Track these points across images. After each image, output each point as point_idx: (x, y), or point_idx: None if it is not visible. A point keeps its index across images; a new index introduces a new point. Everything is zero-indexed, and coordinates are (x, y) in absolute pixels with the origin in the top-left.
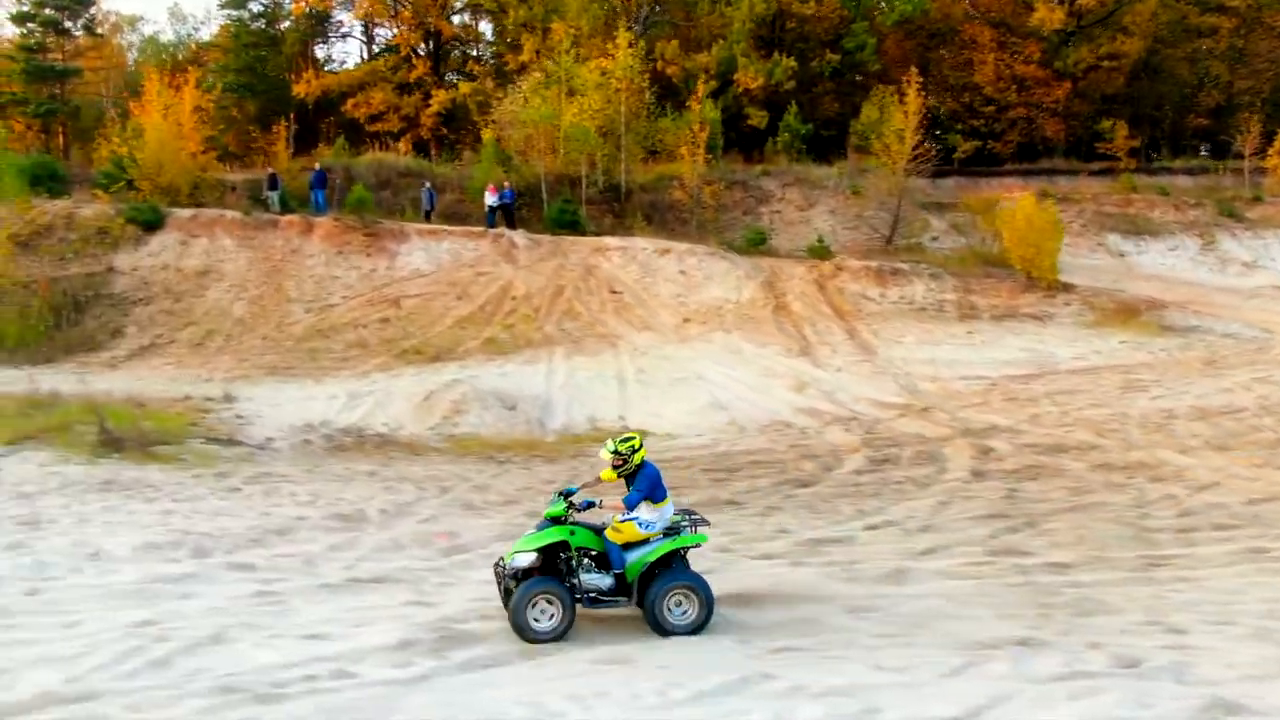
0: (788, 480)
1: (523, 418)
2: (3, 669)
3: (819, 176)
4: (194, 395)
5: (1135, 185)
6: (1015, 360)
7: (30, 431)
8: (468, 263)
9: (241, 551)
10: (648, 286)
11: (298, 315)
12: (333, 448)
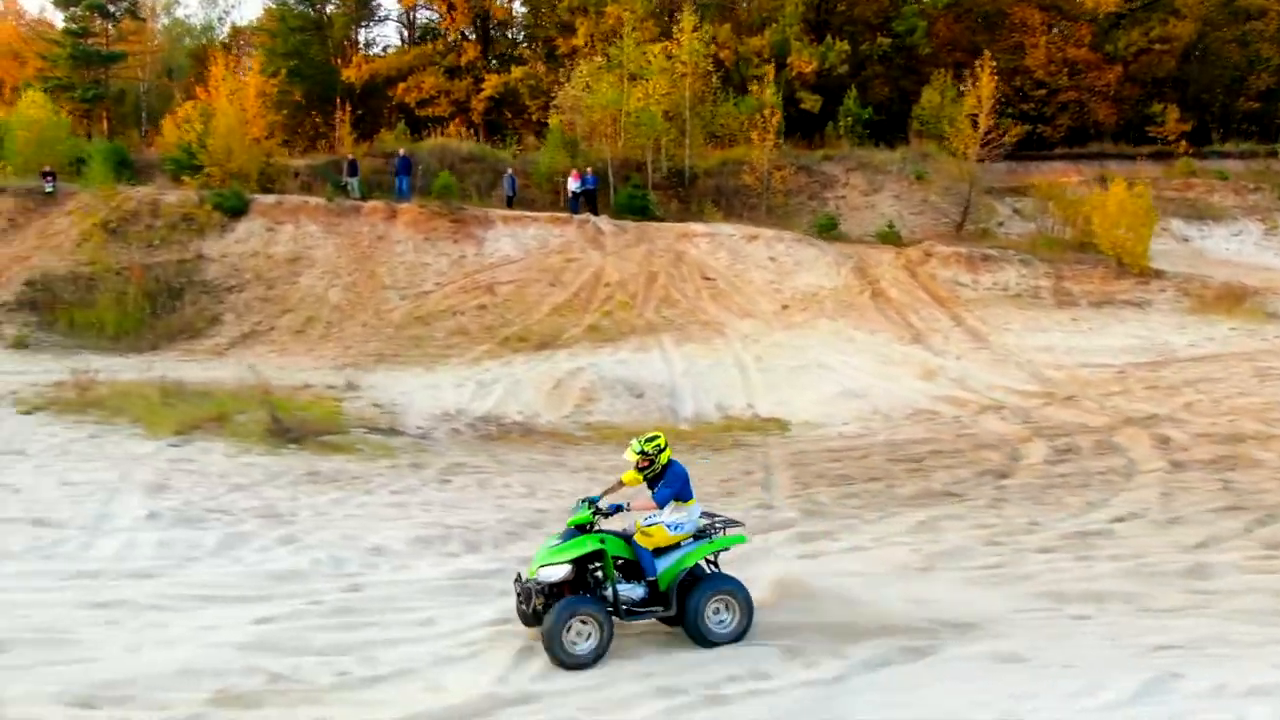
0: (986, 471)
1: (652, 405)
2: (412, 669)
3: (882, 161)
4: (314, 383)
5: (1194, 169)
6: (1130, 348)
7: (193, 422)
8: (556, 249)
9: (510, 545)
10: (739, 273)
11: (394, 302)
12: (481, 436)
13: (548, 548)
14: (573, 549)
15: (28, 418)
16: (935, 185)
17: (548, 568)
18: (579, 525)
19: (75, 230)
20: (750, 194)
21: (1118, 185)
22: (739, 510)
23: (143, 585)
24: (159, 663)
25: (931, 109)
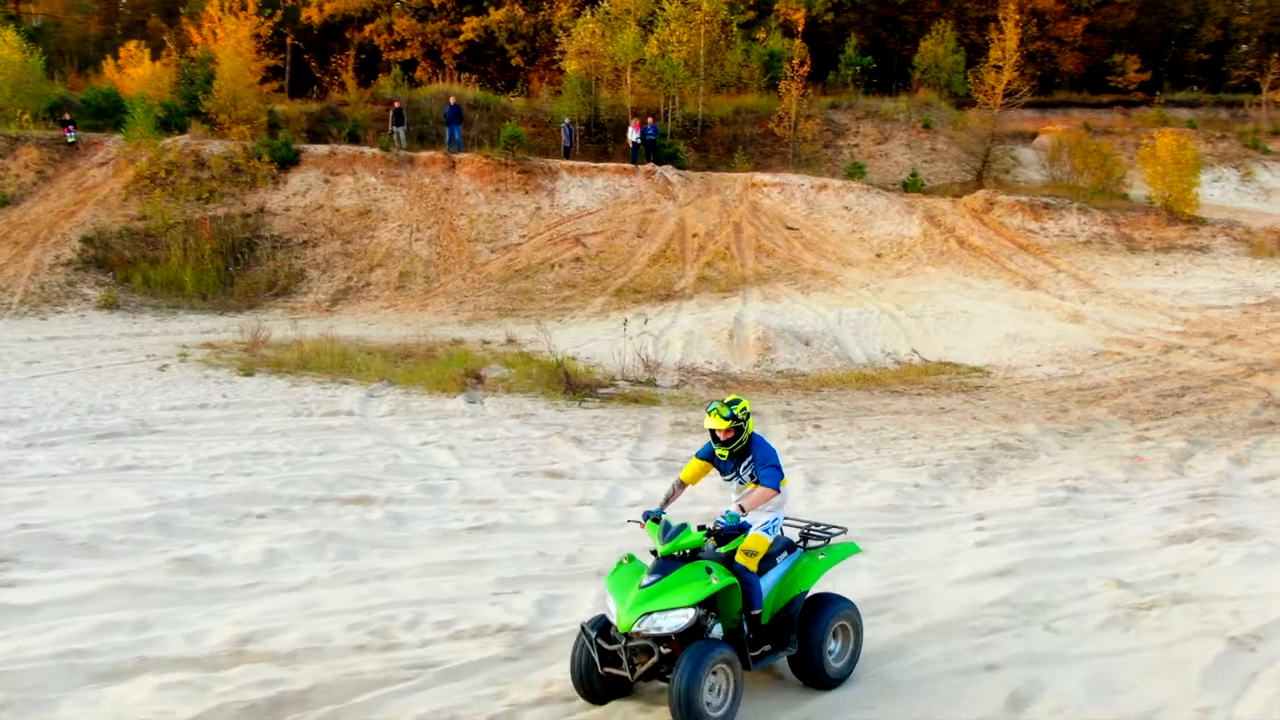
0: (1267, 404)
1: (826, 353)
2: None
3: (889, 110)
4: (467, 339)
5: (1166, 118)
6: (1225, 290)
7: (452, 380)
8: (629, 200)
9: (978, 475)
10: (818, 223)
11: (485, 255)
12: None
13: (640, 587)
14: (695, 586)
15: (251, 380)
16: (942, 134)
17: (660, 614)
18: (690, 550)
19: (118, 183)
20: (765, 141)
21: (1166, 135)
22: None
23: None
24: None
25: (930, 59)
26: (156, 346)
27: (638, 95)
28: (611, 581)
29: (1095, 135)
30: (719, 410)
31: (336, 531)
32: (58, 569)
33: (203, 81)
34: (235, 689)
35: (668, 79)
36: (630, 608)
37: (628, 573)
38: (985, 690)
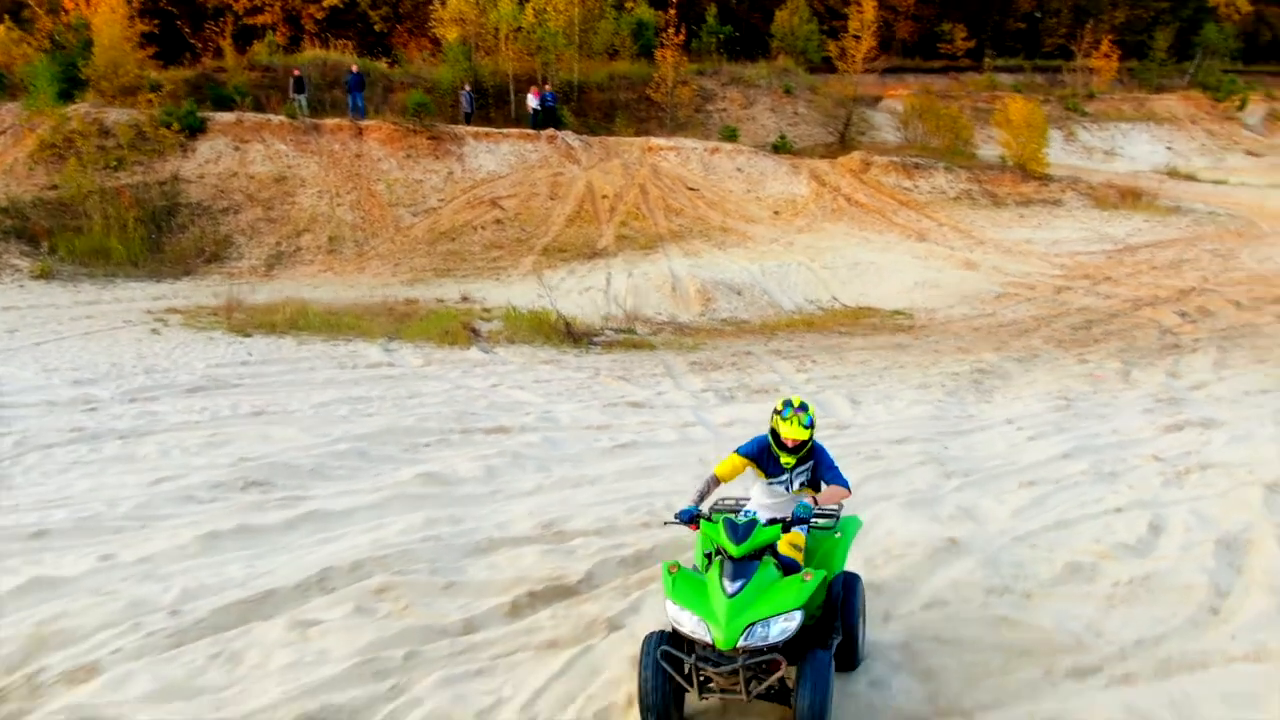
0: (1164, 331)
1: (755, 302)
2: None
3: (752, 76)
4: (420, 298)
5: (995, 83)
6: (1086, 239)
7: (432, 336)
8: (536, 164)
9: (979, 392)
10: (715, 184)
11: (408, 219)
12: (678, 333)
13: (728, 596)
14: (793, 586)
15: (257, 340)
16: (801, 99)
17: (764, 623)
18: (763, 545)
19: (21, 152)
20: (640, 106)
21: (1017, 101)
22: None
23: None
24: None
25: (787, 28)
26: (120, 313)
27: (518, 62)
28: (680, 596)
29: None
30: (798, 419)
31: (516, 451)
32: (316, 488)
33: (79, 49)
34: (595, 552)
35: (547, 46)
36: (728, 621)
37: (694, 582)
38: (1125, 521)
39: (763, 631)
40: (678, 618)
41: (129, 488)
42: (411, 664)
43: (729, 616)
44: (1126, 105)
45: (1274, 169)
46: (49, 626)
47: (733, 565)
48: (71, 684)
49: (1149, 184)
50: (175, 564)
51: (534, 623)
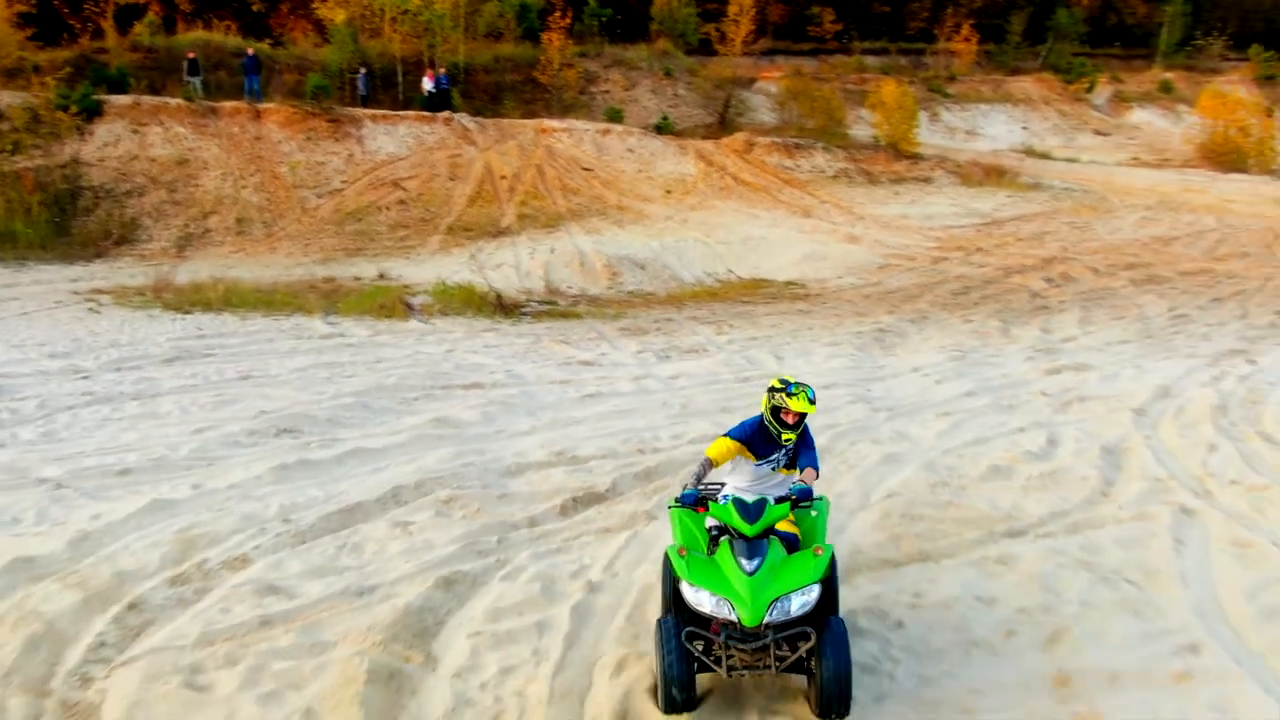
0: (1034, 294)
1: (658, 276)
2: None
3: (633, 58)
4: (338, 275)
5: (864, 65)
6: (956, 213)
7: (369, 310)
8: (434, 146)
9: (884, 347)
10: (608, 164)
11: (313, 200)
12: (593, 305)
13: (748, 575)
14: (808, 560)
15: (200, 316)
16: (681, 81)
17: (786, 598)
18: (768, 527)
19: None
20: (526, 88)
21: (889, 84)
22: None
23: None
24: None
25: (665, 11)
26: (45, 295)
27: (405, 45)
28: (697, 578)
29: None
30: (804, 393)
31: (501, 401)
32: (342, 433)
33: None
34: (610, 470)
35: (434, 28)
36: (753, 599)
37: (707, 564)
38: (1027, 437)
39: (785, 606)
40: (697, 599)
41: (174, 437)
42: (503, 546)
43: (752, 594)
44: (985, 87)
45: (1120, 147)
46: (189, 533)
47: (746, 544)
48: (233, 569)
49: (1010, 162)
50: (261, 489)
51: (585, 518)
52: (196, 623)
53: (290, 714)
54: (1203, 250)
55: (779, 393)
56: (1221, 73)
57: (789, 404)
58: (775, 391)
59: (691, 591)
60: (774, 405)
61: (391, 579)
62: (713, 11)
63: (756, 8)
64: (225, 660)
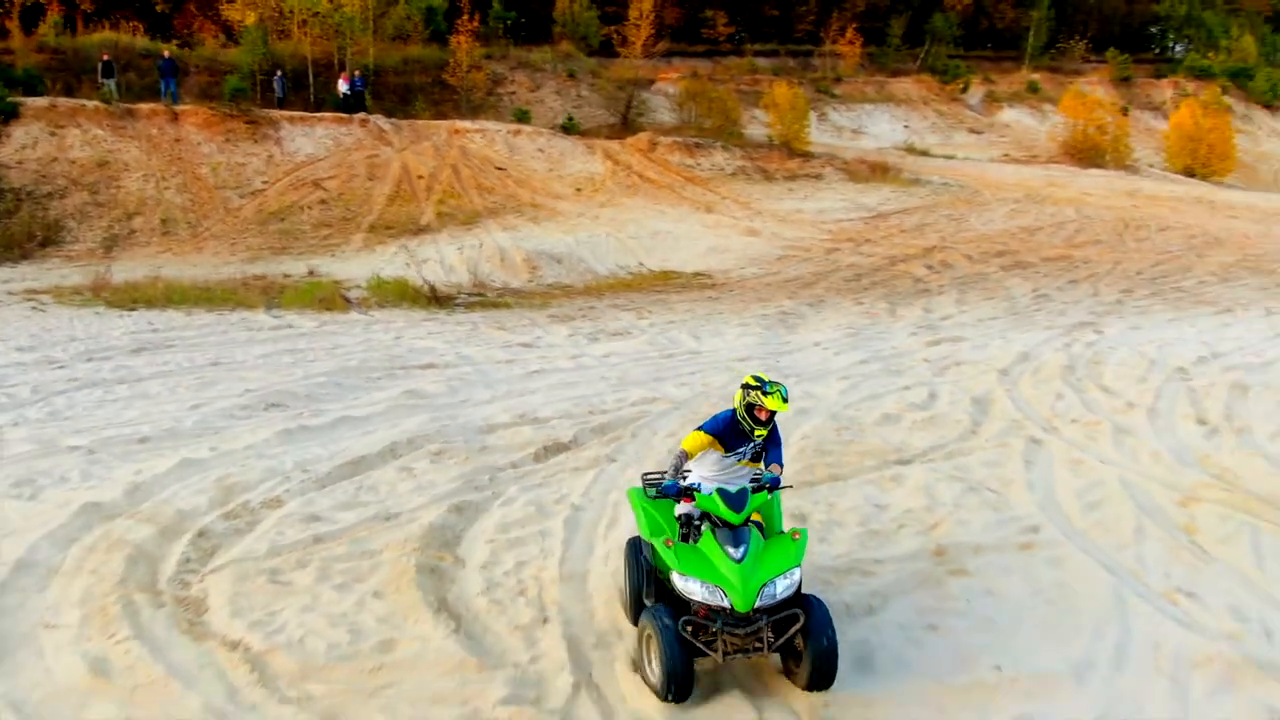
0: (917, 280)
1: (574, 269)
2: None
3: (537, 60)
4: (268, 273)
5: (756, 66)
6: (845, 207)
7: (309, 304)
8: (351, 146)
9: (787, 326)
10: (520, 163)
11: (236, 201)
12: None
13: (736, 562)
14: (790, 545)
15: (147, 313)
16: (584, 82)
17: (776, 581)
18: (742, 520)
19: None
20: (434, 90)
21: (782, 85)
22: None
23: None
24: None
25: (568, 15)
26: None
27: (316, 46)
28: (687, 567)
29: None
30: (779, 392)
31: (459, 377)
32: (325, 405)
33: None
34: (571, 426)
35: (345, 30)
36: (744, 585)
37: (695, 553)
38: (912, 393)
39: (771, 590)
40: (688, 588)
41: (175, 413)
42: (495, 483)
43: (743, 581)
44: (869, 88)
45: (992, 144)
46: (225, 482)
47: (731, 533)
48: (272, 508)
49: (893, 159)
50: (273, 449)
51: (557, 462)
52: (262, 542)
53: (362, 596)
54: (1063, 239)
55: (754, 390)
56: (1083, 74)
57: (764, 402)
58: (750, 389)
59: (682, 581)
60: (748, 402)
61: (411, 508)
62: (613, 14)
63: (654, 11)
64: (296, 564)
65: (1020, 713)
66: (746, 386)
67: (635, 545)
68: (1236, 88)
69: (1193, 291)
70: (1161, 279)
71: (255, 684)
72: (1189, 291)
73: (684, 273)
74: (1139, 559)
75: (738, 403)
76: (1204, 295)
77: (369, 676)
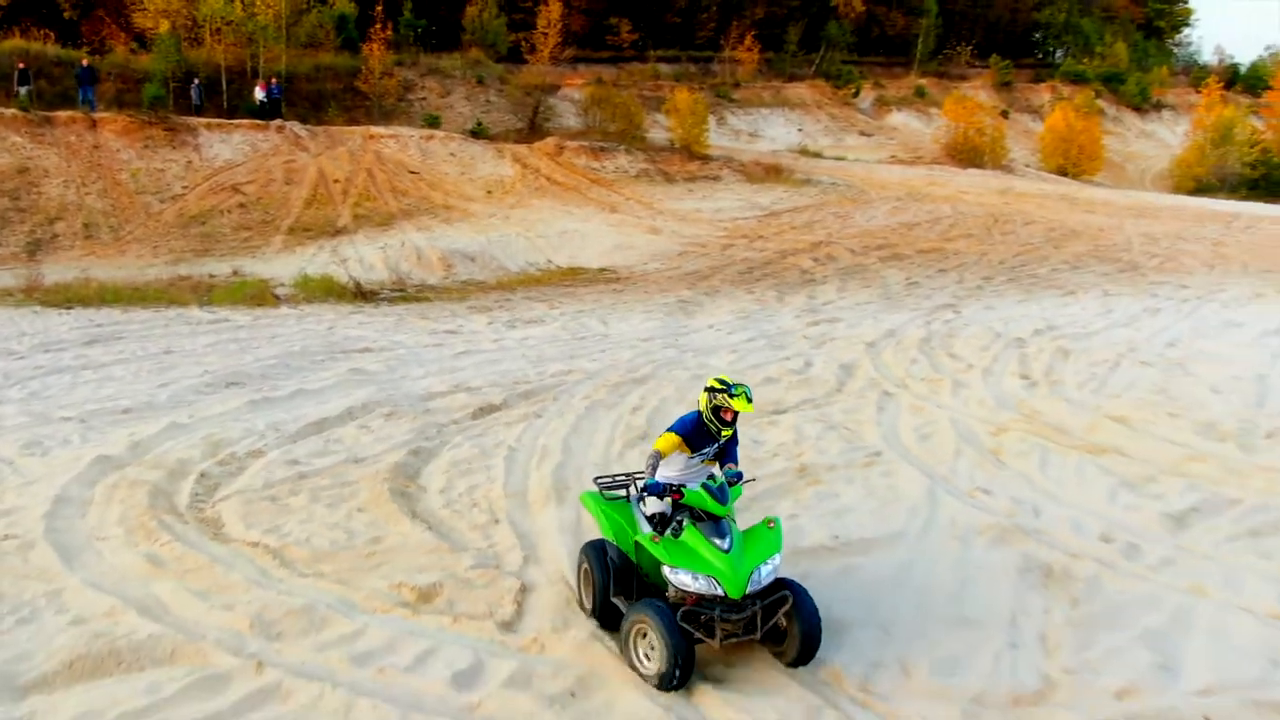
0: (804, 272)
1: (487, 266)
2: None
3: (447, 67)
4: (193, 274)
5: (659, 73)
6: (741, 206)
7: (241, 300)
8: (268, 152)
9: (687, 313)
10: (433, 167)
11: (156, 205)
12: (436, 292)
13: (724, 552)
14: (769, 534)
15: (85, 311)
16: (493, 88)
17: (766, 566)
18: (727, 511)
19: None
20: (347, 96)
21: (682, 91)
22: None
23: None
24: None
25: (477, 23)
26: None
27: (229, 54)
28: (677, 560)
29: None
30: (744, 395)
31: (395, 358)
32: (279, 382)
33: None
34: (500, 392)
35: (258, 39)
36: (734, 573)
37: (683, 547)
38: (791, 362)
39: (758, 576)
40: (682, 580)
41: (146, 391)
42: (442, 434)
43: (733, 569)
44: (766, 93)
45: (881, 146)
46: (211, 439)
47: (713, 525)
48: (256, 456)
49: (786, 161)
50: (244, 415)
51: (492, 419)
52: (256, 479)
53: (349, 511)
54: (937, 233)
55: (720, 393)
56: (968, 79)
57: (731, 404)
58: (716, 392)
59: (676, 573)
60: (715, 405)
61: (374, 453)
62: (520, 22)
63: (561, 19)
64: (289, 493)
65: (848, 564)
66: (712, 390)
67: (599, 547)
68: (1109, 91)
69: (1045, 278)
70: (1020, 267)
71: (278, 566)
72: (1042, 278)
73: (591, 269)
74: (952, 470)
75: (704, 406)
76: (1054, 281)
77: (366, 559)
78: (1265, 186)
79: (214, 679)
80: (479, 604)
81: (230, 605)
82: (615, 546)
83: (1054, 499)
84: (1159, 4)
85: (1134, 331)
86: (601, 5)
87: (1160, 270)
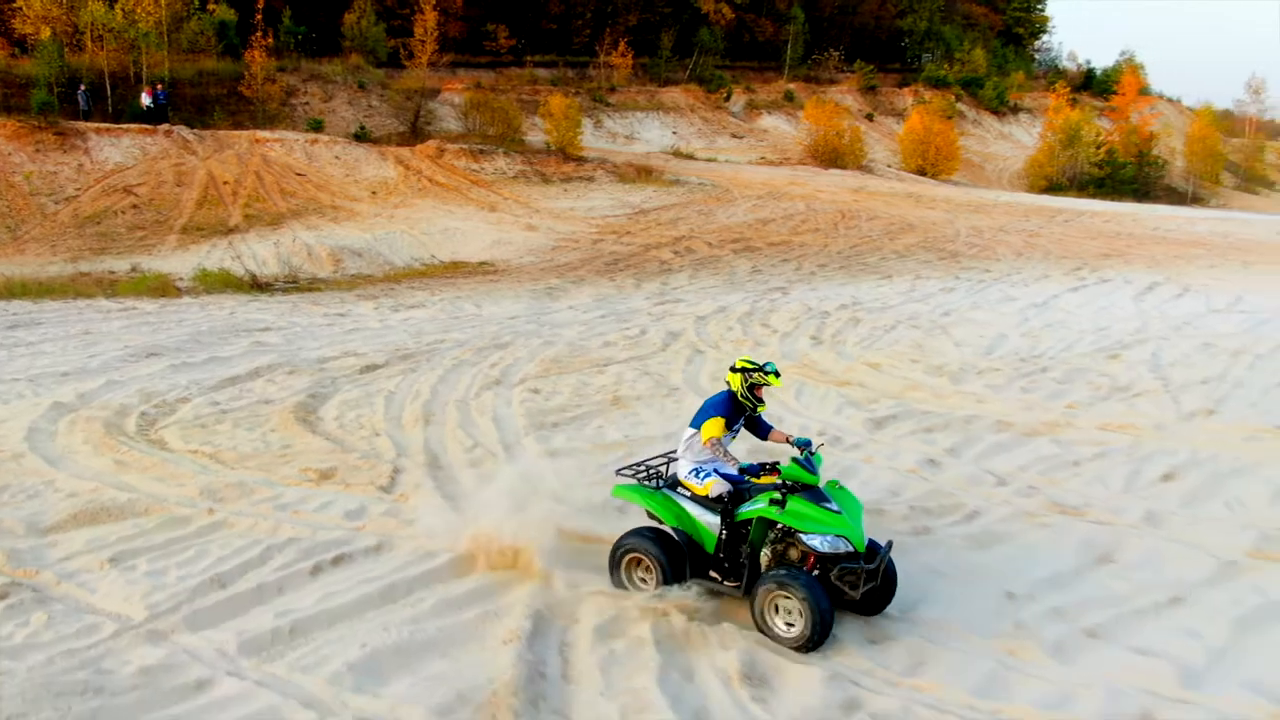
0: (663, 263)
1: (374, 261)
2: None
3: (329, 72)
4: (93, 271)
5: (536, 77)
6: (612, 205)
7: (145, 291)
8: (158, 155)
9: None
10: (319, 169)
11: (52, 207)
12: (327, 285)
13: (837, 514)
14: (853, 496)
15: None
16: (374, 93)
17: (859, 524)
18: (813, 481)
19: None
20: (230, 101)
21: (557, 96)
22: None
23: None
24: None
25: (356, 30)
26: None
27: (112, 60)
28: (810, 525)
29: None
30: (776, 371)
31: (293, 335)
32: (193, 354)
33: None
34: (383, 357)
35: (140, 45)
36: (855, 529)
37: (816, 507)
38: (631, 330)
39: (862, 531)
40: (816, 543)
41: (78, 361)
42: (335, 385)
43: (855, 528)
44: (641, 97)
45: (751, 148)
46: (144, 391)
47: (814, 492)
48: (183, 402)
49: (658, 162)
50: (168, 375)
51: (375, 374)
52: (188, 414)
53: (264, 432)
54: (789, 228)
55: (754, 372)
56: (836, 83)
57: (769, 382)
58: (749, 372)
59: (808, 538)
60: (751, 384)
61: (281, 397)
62: (399, 28)
63: (438, 26)
64: (216, 421)
65: (622, 436)
66: (745, 370)
67: (649, 535)
68: (969, 95)
69: (873, 265)
70: (855, 257)
71: (215, 463)
72: (870, 265)
73: (471, 263)
74: None
75: (738, 386)
76: (880, 268)
77: (280, 457)
78: (1110, 185)
79: (179, 520)
80: (364, 477)
81: (183, 484)
82: (681, 531)
83: (796, 414)
84: (1018, 11)
85: (922, 305)
86: (478, 12)
87: (975, 258)
